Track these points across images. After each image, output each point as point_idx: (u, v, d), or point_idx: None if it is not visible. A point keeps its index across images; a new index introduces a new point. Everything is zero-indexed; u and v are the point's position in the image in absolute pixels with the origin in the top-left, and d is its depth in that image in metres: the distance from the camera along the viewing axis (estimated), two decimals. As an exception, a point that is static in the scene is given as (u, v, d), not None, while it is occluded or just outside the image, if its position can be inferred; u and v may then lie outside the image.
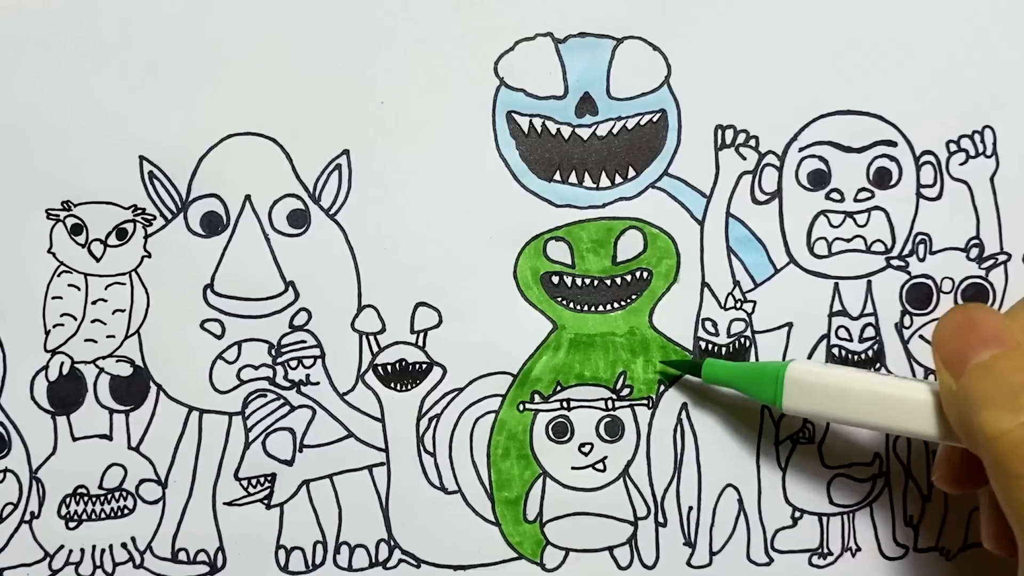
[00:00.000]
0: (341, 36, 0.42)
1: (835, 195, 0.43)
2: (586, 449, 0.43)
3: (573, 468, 0.43)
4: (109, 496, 0.42)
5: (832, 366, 0.40)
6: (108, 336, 0.42)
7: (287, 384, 0.42)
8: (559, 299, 0.43)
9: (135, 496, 0.42)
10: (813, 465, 0.43)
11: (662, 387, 0.43)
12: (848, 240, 0.43)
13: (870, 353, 0.43)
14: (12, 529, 0.42)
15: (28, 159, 0.42)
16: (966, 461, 0.37)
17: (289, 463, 0.42)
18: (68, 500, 0.42)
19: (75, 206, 0.42)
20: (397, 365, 0.43)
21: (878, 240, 0.43)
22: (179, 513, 0.42)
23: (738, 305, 0.43)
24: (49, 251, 0.42)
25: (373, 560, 0.43)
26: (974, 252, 0.43)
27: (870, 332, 0.43)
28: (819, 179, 0.43)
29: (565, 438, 0.43)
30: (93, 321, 0.42)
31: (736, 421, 0.43)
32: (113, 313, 0.42)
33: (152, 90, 0.42)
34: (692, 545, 0.43)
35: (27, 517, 0.42)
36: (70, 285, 0.42)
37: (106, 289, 0.42)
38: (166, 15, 0.42)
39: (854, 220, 0.43)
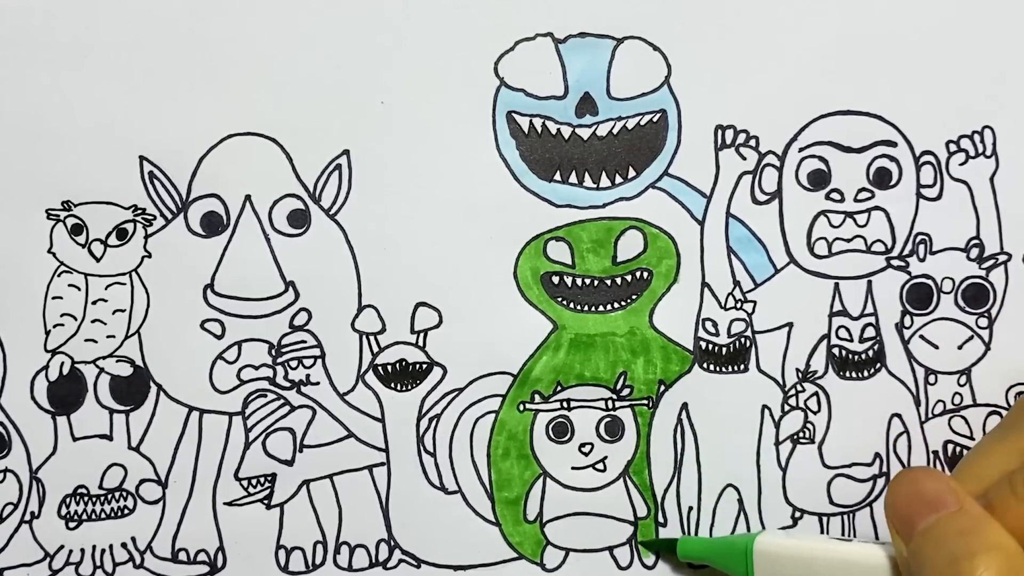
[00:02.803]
0: (341, 36, 0.42)
1: (835, 195, 0.43)
2: (586, 449, 0.43)
3: (573, 468, 0.43)
4: (109, 496, 0.42)
5: (798, 535, 0.40)
6: (108, 336, 0.42)
7: (287, 384, 0.42)
8: (559, 299, 0.43)
9: (135, 496, 0.42)
10: (813, 465, 0.43)
11: (662, 387, 0.43)
12: (848, 240, 0.43)
13: (870, 353, 0.43)
14: (12, 529, 0.42)
15: (28, 159, 0.42)
16: None
17: (289, 463, 0.42)
18: (68, 500, 0.42)
19: (75, 206, 0.42)
20: (397, 365, 0.43)
21: (878, 240, 0.43)
22: (179, 513, 0.42)
23: (738, 305, 0.43)
24: (49, 251, 0.42)
25: (373, 560, 0.43)
26: (974, 252, 0.43)
27: (870, 332, 0.43)
28: (819, 179, 0.43)
29: (565, 438, 0.43)
30: (93, 321, 0.42)
31: (736, 421, 0.43)
32: (113, 313, 0.42)
33: (152, 90, 0.42)
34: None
35: (27, 517, 0.42)
36: (70, 285, 0.42)
37: (106, 289, 0.42)
38: (166, 16, 0.42)
39: (854, 220, 0.43)
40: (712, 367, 0.43)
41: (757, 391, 0.43)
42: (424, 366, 0.43)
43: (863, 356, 0.43)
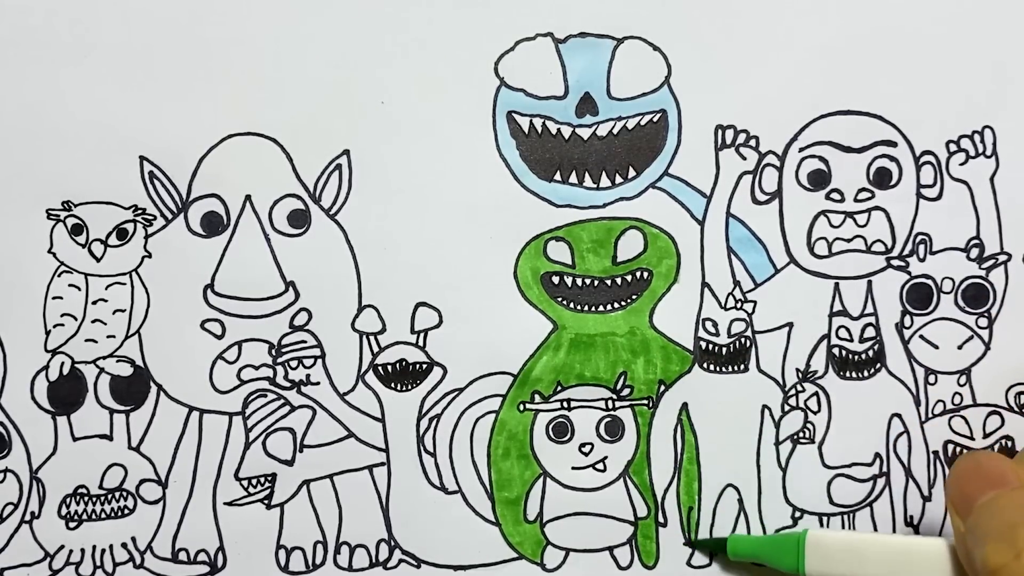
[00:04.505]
0: (341, 36, 0.42)
1: (835, 195, 0.43)
2: (586, 449, 0.43)
3: (573, 468, 0.43)
4: (109, 496, 0.42)
5: (846, 532, 0.41)
6: (108, 336, 0.42)
7: (287, 384, 0.42)
8: (559, 299, 0.43)
9: (135, 496, 0.42)
10: (813, 465, 0.43)
11: (662, 387, 0.43)
12: (848, 240, 0.43)
13: (870, 353, 0.43)
14: (12, 529, 0.42)
15: (28, 159, 0.42)
16: None
17: (289, 463, 0.42)
18: (68, 500, 0.42)
19: (75, 206, 0.42)
20: (397, 365, 0.43)
21: (878, 240, 0.43)
22: (179, 513, 0.42)
23: (738, 305, 0.43)
24: (49, 251, 0.42)
25: (373, 560, 0.43)
26: (974, 252, 0.43)
27: (870, 332, 0.43)
28: (819, 179, 0.43)
29: (565, 438, 0.43)
30: (93, 321, 0.42)
31: (736, 421, 0.43)
32: (113, 313, 0.42)
33: (152, 90, 0.42)
34: (692, 545, 0.43)
35: (27, 517, 0.42)
36: (70, 285, 0.42)
37: (106, 289, 0.42)
38: (166, 15, 0.42)
39: (854, 220, 0.43)
40: (712, 367, 0.43)
41: (757, 391, 0.43)
42: (424, 366, 0.43)
43: (863, 356, 0.43)
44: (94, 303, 0.42)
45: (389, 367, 0.43)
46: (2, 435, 0.42)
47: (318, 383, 0.42)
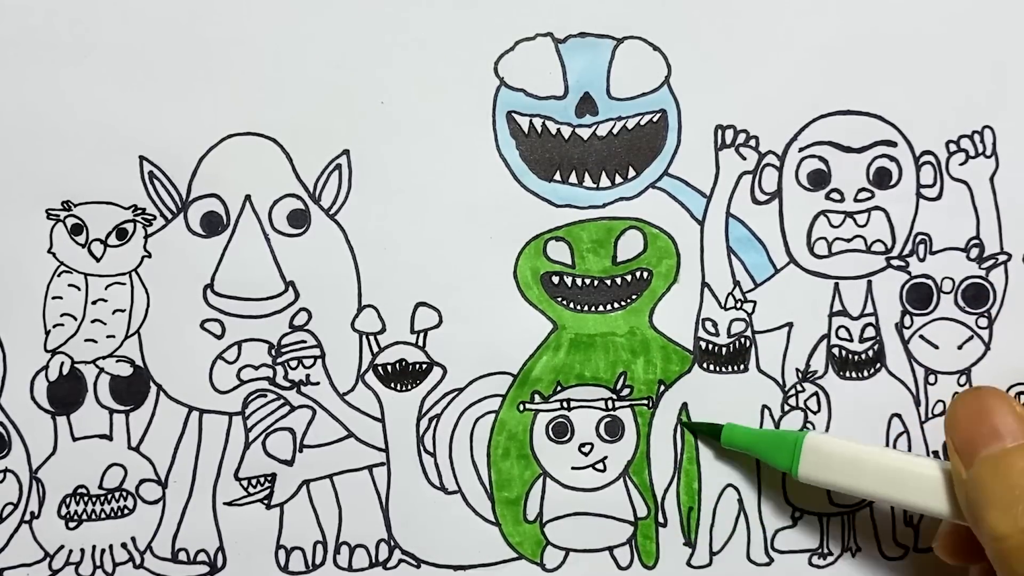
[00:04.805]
0: (341, 36, 0.42)
1: (835, 195, 0.43)
2: (586, 449, 0.43)
3: (573, 468, 0.43)
4: (109, 496, 0.42)
5: (847, 440, 0.40)
6: (108, 336, 0.42)
7: (287, 384, 0.42)
8: (559, 299, 0.43)
9: (135, 496, 0.42)
10: (813, 465, 0.43)
11: (662, 387, 0.43)
12: (848, 240, 0.43)
13: (870, 353, 0.43)
14: (12, 529, 0.42)
15: (28, 159, 0.42)
16: (970, 538, 0.37)
17: (289, 463, 0.42)
18: (68, 500, 0.42)
19: (75, 206, 0.42)
20: (397, 365, 0.43)
21: (878, 240, 0.43)
22: (179, 513, 0.42)
23: (738, 305, 0.43)
24: (49, 251, 0.42)
25: (373, 560, 0.43)
26: (974, 252, 0.43)
27: (870, 332, 0.43)
28: (819, 179, 0.43)
29: (565, 438, 0.43)
30: (93, 321, 0.42)
31: (736, 421, 0.43)
32: (113, 313, 0.42)
33: (152, 90, 0.42)
34: (692, 545, 0.43)
35: (27, 517, 0.42)
36: (70, 285, 0.42)
37: (106, 289, 0.42)
38: (166, 15, 0.42)
39: (854, 220, 0.43)
40: (712, 367, 0.43)
41: (757, 391, 0.43)
42: (424, 366, 0.43)
43: (863, 356, 0.43)
44: (94, 303, 0.42)
45: (389, 367, 0.43)
46: (2, 435, 0.42)
47: (318, 383, 0.42)
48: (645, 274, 0.43)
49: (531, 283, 0.43)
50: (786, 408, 0.43)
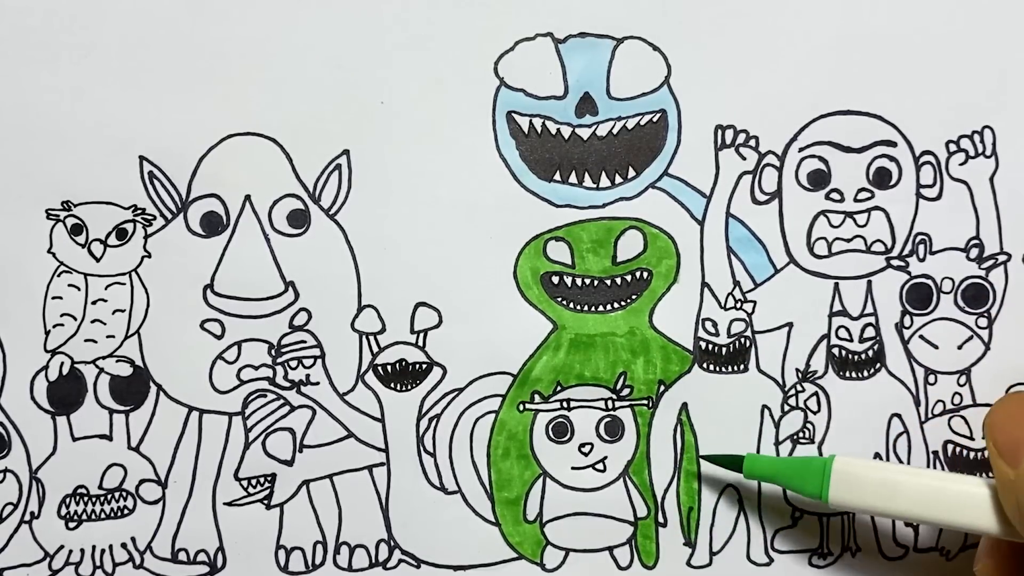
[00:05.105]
0: (341, 36, 0.42)
1: (835, 195, 0.43)
2: (586, 449, 0.43)
3: (573, 468, 0.43)
4: (109, 496, 0.42)
5: (876, 462, 0.39)
6: (108, 336, 0.42)
7: (287, 384, 0.42)
8: (559, 299, 0.43)
9: (135, 496, 0.42)
10: (813, 465, 0.43)
11: (662, 387, 0.43)
12: (848, 240, 0.43)
13: (870, 353, 0.43)
14: (12, 529, 0.42)
15: (28, 159, 0.42)
16: (1015, 553, 0.36)
17: (289, 463, 0.42)
18: (68, 500, 0.42)
19: (75, 206, 0.42)
20: (397, 365, 0.43)
21: (878, 240, 0.43)
22: (179, 513, 0.42)
23: (738, 305, 0.43)
24: (49, 251, 0.42)
25: (373, 560, 0.43)
26: (974, 252, 0.43)
27: (870, 332, 0.43)
28: (819, 179, 0.43)
29: (565, 438, 0.43)
30: (93, 321, 0.42)
31: (736, 421, 0.43)
32: (113, 313, 0.42)
33: (152, 90, 0.42)
34: (692, 545, 0.43)
35: (27, 517, 0.42)
36: (70, 285, 0.42)
37: (106, 289, 0.42)
38: (166, 15, 0.42)
39: (854, 220, 0.43)
40: (712, 367, 0.43)
41: (757, 391, 0.43)
42: (424, 366, 0.43)
43: (863, 356, 0.43)
44: (94, 303, 0.42)
45: (389, 367, 0.43)
46: (2, 435, 0.42)
47: (318, 383, 0.42)
48: (645, 274, 0.43)
49: (531, 283, 0.43)
50: (786, 408, 0.43)
